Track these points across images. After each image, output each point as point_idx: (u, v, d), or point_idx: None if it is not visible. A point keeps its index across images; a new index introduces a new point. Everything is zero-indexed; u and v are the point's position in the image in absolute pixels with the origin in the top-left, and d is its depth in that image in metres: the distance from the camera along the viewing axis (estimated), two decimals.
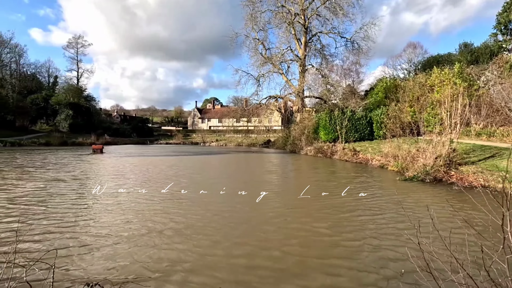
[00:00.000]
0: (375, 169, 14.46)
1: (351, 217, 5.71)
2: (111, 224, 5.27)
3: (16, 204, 6.59)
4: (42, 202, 6.74)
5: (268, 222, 5.51)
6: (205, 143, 54.18)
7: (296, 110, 39.74)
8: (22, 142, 36.50)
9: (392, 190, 8.63)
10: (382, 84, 35.40)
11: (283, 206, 6.79)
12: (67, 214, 5.86)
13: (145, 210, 6.21)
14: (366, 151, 19.85)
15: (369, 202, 6.95)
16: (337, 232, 4.83)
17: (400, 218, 5.67)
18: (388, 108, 25.14)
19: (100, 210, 6.21)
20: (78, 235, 4.67)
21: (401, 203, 6.46)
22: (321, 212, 6.04)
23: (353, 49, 39.20)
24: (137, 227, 5.09)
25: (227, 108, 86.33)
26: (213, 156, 25.40)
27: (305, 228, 5.13)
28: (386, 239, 4.51)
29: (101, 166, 15.50)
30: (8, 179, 10.09)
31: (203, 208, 6.46)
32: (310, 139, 27.18)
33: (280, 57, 40.74)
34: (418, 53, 50.98)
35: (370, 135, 25.68)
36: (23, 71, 60.90)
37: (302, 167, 16.61)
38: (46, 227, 5.01)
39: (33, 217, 5.62)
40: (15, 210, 6.11)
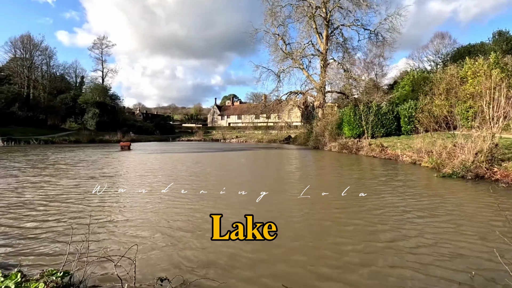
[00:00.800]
0: (407, 165, 13.91)
1: (413, 219, 5.40)
2: (168, 220, 5.33)
3: (57, 202, 6.89)
4: (82, 200, 6.99)
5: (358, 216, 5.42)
6: (226, 139, 54.69)
7: (318, 105, 39.05)
8: (54, 140, 38.50)
9: (439, 190, 8.24)
10: (408, 77, 34.08)
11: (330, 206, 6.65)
12: (113, 211, 6.05)
13: (187, 208, 6.26)
14: (395, 147, 19.15)
15: (421, 203, 6.61)
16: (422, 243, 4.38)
17: (458, 219, 5.38)
18: (416, 102, 24.13)
19: (145, 209, 6.32)
20: (135, 230, 4.78)
21: (498, 207, 5.91)
22: (382, 215, 5.75)
23: (377, 42, 37.86)
24: (191, 226, 5.09)
25: (246, 105, 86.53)
26: (238, 152, 25.49)
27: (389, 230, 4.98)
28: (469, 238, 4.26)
29: (133, 163, 16.00)
30: (56, 176, 10.59)
31: (265, 208, 6.46)
32: (333, 135, 26.66)
33: (300, 52, 40.12)
34: (447, 44, 48.60)
35: (397, 130, 24.82)
36: (52, 72, 64.09)
37: (332, 164, 16.26)
38: (105, 224, 5.16)
39: (80, 215, 5.85)
40: (55, 208, 6.38)
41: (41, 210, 5.95)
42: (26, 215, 5.58)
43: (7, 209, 6.03)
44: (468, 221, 5.14)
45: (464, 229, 4.69)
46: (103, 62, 68.17)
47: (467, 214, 5.60)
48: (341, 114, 27.00)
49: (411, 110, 23.89)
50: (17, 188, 8.24)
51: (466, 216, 5.49)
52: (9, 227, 4.87)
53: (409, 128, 23.88)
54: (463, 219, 5.30)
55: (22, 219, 5.31)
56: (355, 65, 39.50)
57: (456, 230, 4.67)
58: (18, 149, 25.95)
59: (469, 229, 4.69)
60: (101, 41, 67.13)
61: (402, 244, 4.06)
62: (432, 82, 29.50)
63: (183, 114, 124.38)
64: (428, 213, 5.62)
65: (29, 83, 55.03)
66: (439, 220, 5.21)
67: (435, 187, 8.63)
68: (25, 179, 9.84)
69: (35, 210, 5.91)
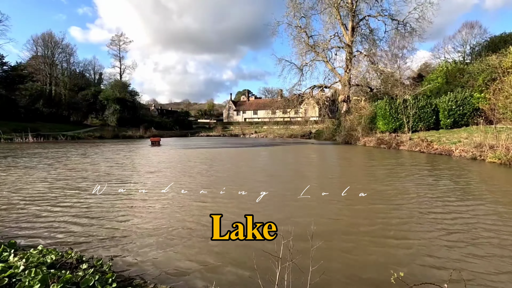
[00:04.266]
0: (467, 161, 13.13)
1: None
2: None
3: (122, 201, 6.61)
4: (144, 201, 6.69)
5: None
6: (245, 135, 54.31)
7: (342, 99, 38.09)
8: (80, 135, 38.97)
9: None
10: (441, 68, 32.72)
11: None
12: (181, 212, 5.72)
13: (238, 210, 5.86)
14: (440, 141, 18.30)
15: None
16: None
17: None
18: (457, 94, 23.04)
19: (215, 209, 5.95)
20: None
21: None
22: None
23: (405, 32, 36.41)
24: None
25: (262, 100, 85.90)
26: (270, 147, 25.02)
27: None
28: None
29: (172, 159, 15.82)
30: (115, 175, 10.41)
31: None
32: (366, 129, 25.87)
33: (324, 44, 39.14)
34: (476, 34, 46.44)
35: (436, 124, 23.79)
36: (72, 69, 65.00)
37: (382, 161, 15.62)
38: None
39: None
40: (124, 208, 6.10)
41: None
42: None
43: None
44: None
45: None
46: (120, 58, 68.69)
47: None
48: (375, 108, 26.11)
49: (451, 103, 22.85)
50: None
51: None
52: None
53: (449, 122, 22.88)
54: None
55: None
56: (382, 57, 38.21)
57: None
58: (56, 145, 26.22)
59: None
60: (119, 37, 67.48)
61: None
62: (470, 73, 28.23)
63: (196, 109, 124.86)
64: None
65: (51, 80, 55.91)
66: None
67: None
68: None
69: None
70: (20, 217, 5.15)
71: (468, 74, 27.98)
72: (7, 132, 32.25)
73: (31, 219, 5.07)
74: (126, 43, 68.73)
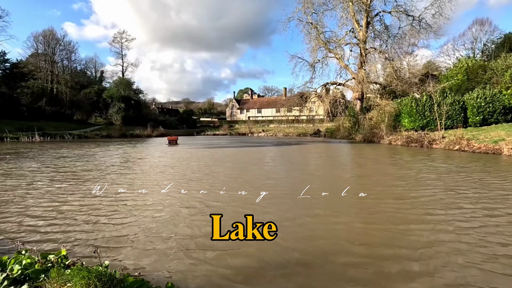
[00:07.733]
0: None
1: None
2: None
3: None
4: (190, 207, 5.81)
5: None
6: (253, 133, 53.36)
7: (356, 97, 37.36)
8: (87, 134, 37.75)
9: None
10: (460, 65, 32.13)
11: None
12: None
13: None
14: (478, 139, 17.59)
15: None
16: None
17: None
18: (485, 91, 22.40)
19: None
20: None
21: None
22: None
23: (420, 29, 35.73)
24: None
25: (266, 98, 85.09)
26: (292, 147, 24.14)
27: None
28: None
29: (219, 160, 14.91)
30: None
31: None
32: (390, 127, 25.13)
33: (337, 40, 38.39)
34: (487, 31, 46.06)
35: (464, 122, 23.10)
36: (74, 67, 63.38)
37: (436, 163, 14.82)
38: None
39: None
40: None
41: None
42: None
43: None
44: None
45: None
46: (123, 56, 67.29)
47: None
48: (400, 105, 25.37)
49: (479, 100, 22.21)
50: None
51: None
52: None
53: (478, 119, 22.24)
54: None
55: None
56: (397, 54, 37.49)
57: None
58: (65, 145, 25.02)
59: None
60: (121, 35, 66.10)
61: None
62: (492, 70, 27.66)
63: (197, 108, 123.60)
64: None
65: (52, 78, 54.36)
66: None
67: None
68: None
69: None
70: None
71: (491, 70, 27.41)
72: (13, 132, 30.94)
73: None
74: (128, 40, 67.42)
